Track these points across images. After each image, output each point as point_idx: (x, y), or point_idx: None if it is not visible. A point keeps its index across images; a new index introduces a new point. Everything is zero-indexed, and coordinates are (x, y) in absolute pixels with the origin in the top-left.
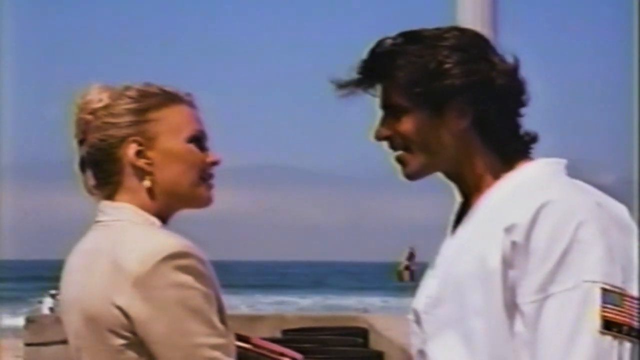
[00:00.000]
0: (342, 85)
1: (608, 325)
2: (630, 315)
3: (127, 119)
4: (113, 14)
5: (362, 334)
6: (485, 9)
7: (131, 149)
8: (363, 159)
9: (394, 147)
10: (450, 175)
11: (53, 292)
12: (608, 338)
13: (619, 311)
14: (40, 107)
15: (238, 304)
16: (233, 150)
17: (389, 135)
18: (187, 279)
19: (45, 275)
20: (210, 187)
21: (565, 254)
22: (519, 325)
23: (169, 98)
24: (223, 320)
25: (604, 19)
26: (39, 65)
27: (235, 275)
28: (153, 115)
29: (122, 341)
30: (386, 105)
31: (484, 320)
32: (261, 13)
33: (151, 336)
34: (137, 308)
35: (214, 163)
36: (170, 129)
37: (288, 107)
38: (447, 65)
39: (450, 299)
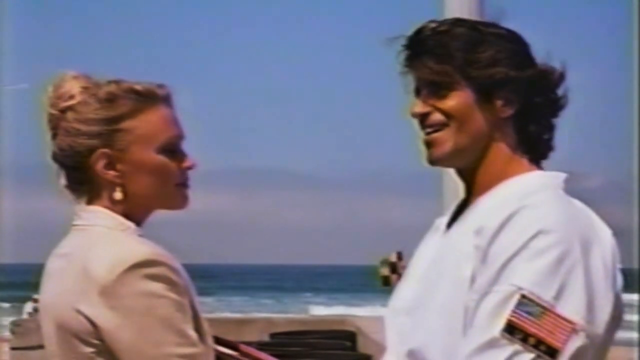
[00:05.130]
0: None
1: (511, 330)
2: (546, 330)
3: (96, 128)
4: (113, 14)
5: (350, 337)
6: (472, 7)
7: (100, 162)
8: (348, 162)
9: (429, 124)
10: (465, 171)
11: (36, 296)
12: (503, 341)
13: (532, 321)
14: (40, 107)
15: (224, 308)
16: (217, 153)
17: (428, 112)
18: (156, 287)
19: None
20: (185, 190)
21: (511, 258)
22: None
23: (142, 101)
24: (199, 328)
25: (599, 17)
26: (39, 66)
27: (220, 280)
28: (124, 124)
29: (91, 349)
30: (433, 82)
31: (448, 320)
32: (252, 14)
33: (119, 345)
34: (104, 317)
35: (189, 168)
36: (141, 139)
37: (272, 109)
38: (503, 54)
39: (426, 302)
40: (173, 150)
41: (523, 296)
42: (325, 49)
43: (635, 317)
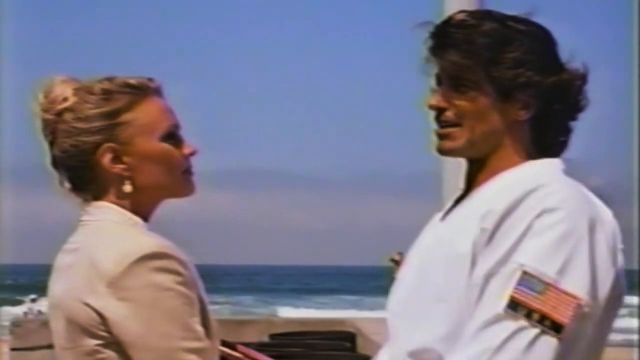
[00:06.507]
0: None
1: (515, 306)
2: (550, 305)
3: (97, 123)
4: (112, 15)
5: (350, 338)
6: (472, 6)
7: (106, 157)
8: (349, 163)
9: (443, 119)
10: (474, 160)
11: (33, 296)
12: (507, 317)
13: (534, 297)
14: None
15: (225, 308)
16: (217, 154)
17: (444, 107)
18: (164, 279)
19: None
20: (191, 176)
21: (518, 240)
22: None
23: (137, 93)
24: (205, 323)
25: (601, 16)
26: (39, 66)
27: (222, 280)
28: (124, 117)
29: (98, 341)
30: (455, 76)
31: (445, 304)
32: (252, 14)
33: (126, 337)
34: (112, 308)
35: (192, 154)
36: (143, 129)
37: (272, 110)
38: (529, 56)
39: (423, 286)
40: (174, 138)
41: (525, 272)
42: (326, 49)
43: (635, 321)
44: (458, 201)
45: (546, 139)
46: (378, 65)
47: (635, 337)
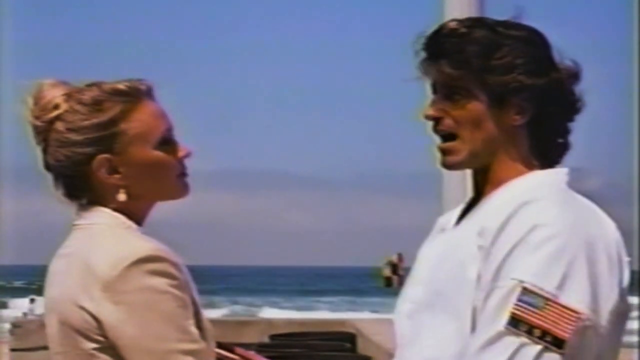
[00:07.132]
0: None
1: (516, 323)
2: (551, 321)
3: (91, 135)
4: (112, 15)
5: (350, 338)
6: (472, 7)
7: (102, 169)
8: (349, 163)
9: (440, 128)
10: (477, 171)
11: (33, 297)
12: (508, 335)
13: (535, 313)
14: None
15: (225, 309)
16: (217, 154)
17: (441, 116)
18: (159, 282)
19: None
20: (185, 178)
21: (509, 253)
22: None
23: (129, 101)
24: (199, 325)
25: (599, 16)
26: (39, 66)
27: (222, 281)
28: (118, 127)
29: (94, 345)
30: (447, 86)
31: (459, 324)
32: (255, 14)
33: (122, 340)
34: (107, 312)
35: (185, 156)
36: (138, 138)
37: (271, 110)
38: (521, 60)
39: (434, 304)
40: (167, 143)
41: (525, 289)
42: (327, 49)
43: (635, 323)
44: (469, 208)
45: (544, 142)
46: (378, 65)
47: (635, 338)
